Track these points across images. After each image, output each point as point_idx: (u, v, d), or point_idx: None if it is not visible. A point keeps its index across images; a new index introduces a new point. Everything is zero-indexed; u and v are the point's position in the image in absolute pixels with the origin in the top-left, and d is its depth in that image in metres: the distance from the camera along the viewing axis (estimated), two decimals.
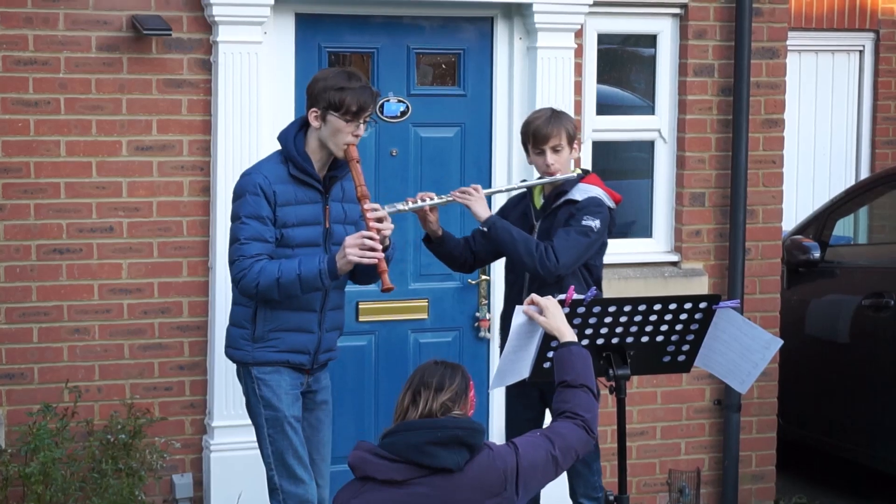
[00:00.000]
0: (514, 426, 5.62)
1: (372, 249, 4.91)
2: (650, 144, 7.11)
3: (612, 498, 4.66)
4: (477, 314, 6.82)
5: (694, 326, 4.74)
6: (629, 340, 4.66)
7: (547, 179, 5.46)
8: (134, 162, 6.20)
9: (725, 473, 7.14)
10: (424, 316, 6.77)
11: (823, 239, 7.96)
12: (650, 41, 7.08)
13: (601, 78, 7.01)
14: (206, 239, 6.28)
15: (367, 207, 5.00)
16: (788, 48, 7.26)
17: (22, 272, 6.10)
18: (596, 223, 5.34)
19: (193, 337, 6.34)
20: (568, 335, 4.33)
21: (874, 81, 9.56)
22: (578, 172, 5.51)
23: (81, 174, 6.13)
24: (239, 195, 5.08)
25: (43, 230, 6.10)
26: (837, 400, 7.62)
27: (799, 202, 9.32)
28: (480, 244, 5.63)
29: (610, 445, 5.91)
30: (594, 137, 6.95)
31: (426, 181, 6.68)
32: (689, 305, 4.69)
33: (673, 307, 4.67)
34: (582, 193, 5.43)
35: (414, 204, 5.39)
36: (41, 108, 6.06)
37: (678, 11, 7.00)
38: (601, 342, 4.63)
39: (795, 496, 7.60)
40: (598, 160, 6.92)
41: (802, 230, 8.12)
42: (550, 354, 4.47)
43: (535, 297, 4.47)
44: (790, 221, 8.38)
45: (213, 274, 6.25)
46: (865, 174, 9.44)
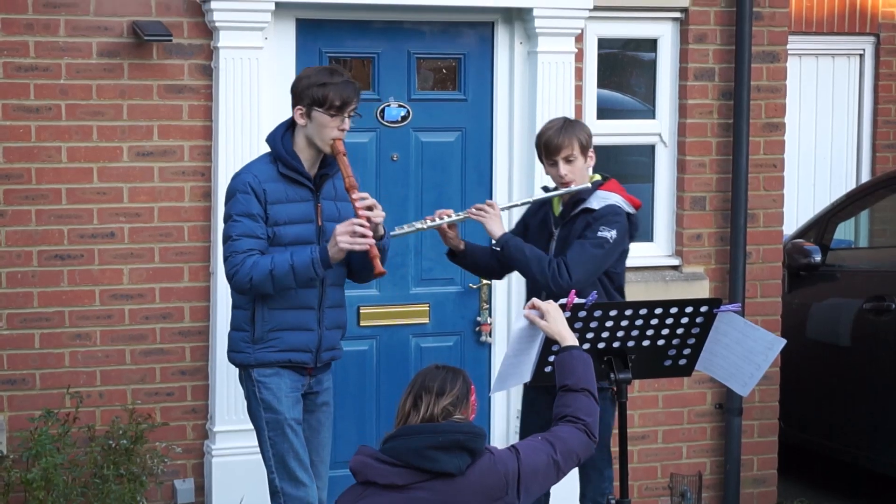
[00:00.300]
0: (529, 431, 5.59)
1: (363, 237, 4.94)
2: (651, 148, 7.11)
3: (613, 502, 4.65)
4: (478, 318, 6.82)
5: (695, 330, 4.73)
6: (630, 344, 4.66)
7: (562, 191, 5.42)
8: (135, 168, 6.21)
9: (727, 477, 7.14)
10: (426, 320, 6.77)
11: (824, 242, 7.95)
12: (651, 45, 7.09)
13: (602, 82, 7.02)
14: (207, 244, 6.28)
15: (355, 196, 5.02)
16: (789, 52, 7.27)
17: (23, 278, 6.10)
18: (612, 233, 5.28)
19: (195, 342, 6.35)
20: (569, 339, 4.33)
21: (875, 85, 9.56)
22: (597, 179, 5.47)
23: (82, 180, 6.13)
24: (230, 195, 5.13)
25: (44, 236, 6.11)
26: (839, 403, 7.61)
27: (800, 206, 9.32)
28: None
29: (612, 449, 5.91)
30: (595, 142, 6.92)
31: (427, 186, 6.69)
32: (690, 309, 4.68)
33: (674, 311, 4.67)
34: (599, 201, 5.38)
35: (432, 222, 5.41)
36: (42, 114, 6.06)
37: (678, 16, 7.00)
38: (602, 346, 4.63)
39: (797, 500, 7.60)
40: (598, 164, 6.86)
41: (803, 234, 8.11)
42: (552, 358, 4.46)
43: (536, 301, 4.47)
44: (791, 225, 8.38)
45: (214, 279, 6.25)
46: (866, 178, 9.44)
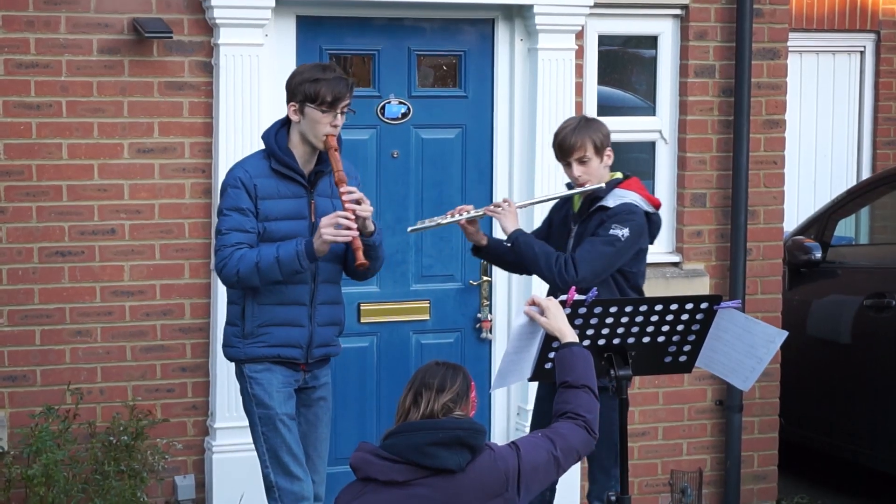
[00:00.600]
0: (542, 422, 5.59)
1: (347, 228, 4.95)
2: (651, 145, 7.12)
3: (613, 498, 4.66)
4: (479, 315, 6.82)
5: (695, 327, 4.73)
6: (630, 341, 4.66)
7: (577, 191, 5.42)
8: (135, 164, 6.21)
9: (727, 474, 7.14)
10: (426, 317, 6.77)
11: (825, 239, 7.95)
12: (651, 42, 7.09)
13: (602, 79, 7.01)
14: (207, 241, 6.28)
15: (343, 190, 5.03)
16: (789, 49, 7.27)
17: (24, 275, 6.10)
18: (624, 232, 5.27)
19: (195, 339, 6.35)
20: (569, 336, 4.33)
21: (875, 82, 9.55)
22: (617, 178, 5.45)
23: (83, 177, 6.14)
24: (222, 190, 5.17)
25: (45, 233, 6.11)
26: (839, 400, 7.61)
27: (800, 203, 9.32)
28: None
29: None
30: None
31: (427, 183, 6.69)
32: (690, 306, 4.68)
33: (674, 308, 4.66)
34: (615, 200, 5.36)
35: (452, 218, 5.45)
36: (43, 110, 6.06)
37: (679, 12, 7.00)
38: (602, 343, 4.62)
39: (797, 496, 7.60)
40: None
41: (804, 231, 8.11)
42: (552, 355, 4.46)
43: (536, 297, 4.48)
44: (791, 222, 8.38)
45: (214, 276, 6.24)
46: (866, 175, 9.44)
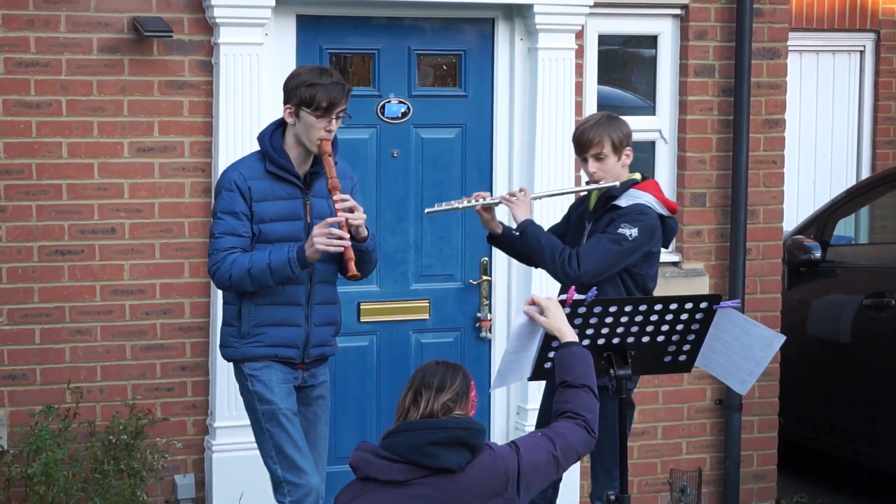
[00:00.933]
0: (546, 420, 5.59)
1: (339, 238, 4.95)
2: (651, 145, 7.11)
3: (613, 497, 4.66)
4: (478, 315, 6.82)
5: (695, 326, 4.73)
6: (630, 340, 4.66)
7: (591, 186, 5.43)
8: (135, 163, 6.21)
9: (727, 473, 7.14)
10: (426, 316, 6.77)
11: (824, 239, 7.95)
12: (651, 42, 7.09)
13: (602, 79, 7.01)
14: (207, 240, 6.27)
15: (336, 198, 5.03)
16: (789, 48, 7.27)
17: (24, 273, 6.10)
18: (632, 231, 5.25)
19: (195, 338, 6.35)
20: (569, 335, 4.33)
21: (875, 82, 9.55)
22: (633, 178, 5.45)
23: (83, 176, 6.14)
24: (217, 192, 5.17)
25: (45, 231, 6.11)
26: (838, 400, 7.61)
27: (800, 202, 9.32)
28: None
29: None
30: None
31: (427, 182, 6.69)
32: (689, 305, 4.68)
33: (674, 307, 4.66)
34: (628, 200, 5.35)
35: (468, 203, 5.44)
36: (43, 109, 6.06)
37: (679, 12, 7.00)
38: (602, 342, 4.63)
39: (797, 496, 7.60)
40: None
41: (803, 230, 8.11)
42: (551, 355, 4.47)
43: (535, 296, 4.48)
44: (791, 221, 8.38)
45: None
46: (866, 174, 9.44)
